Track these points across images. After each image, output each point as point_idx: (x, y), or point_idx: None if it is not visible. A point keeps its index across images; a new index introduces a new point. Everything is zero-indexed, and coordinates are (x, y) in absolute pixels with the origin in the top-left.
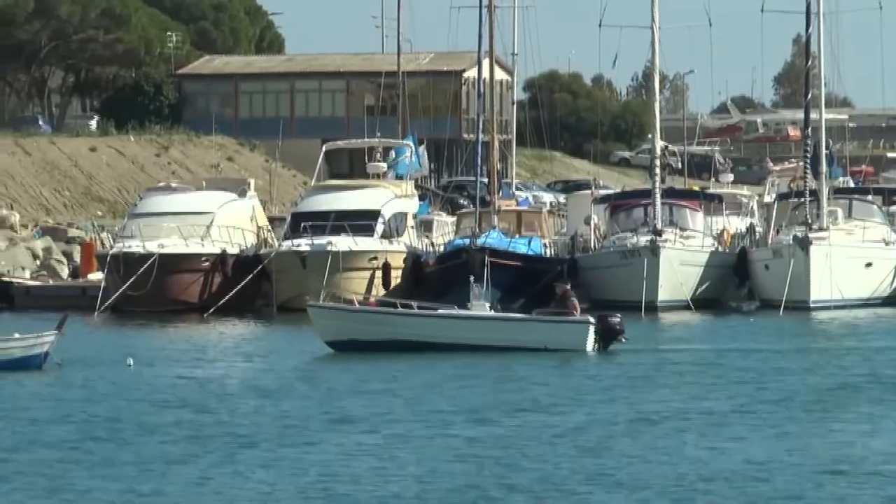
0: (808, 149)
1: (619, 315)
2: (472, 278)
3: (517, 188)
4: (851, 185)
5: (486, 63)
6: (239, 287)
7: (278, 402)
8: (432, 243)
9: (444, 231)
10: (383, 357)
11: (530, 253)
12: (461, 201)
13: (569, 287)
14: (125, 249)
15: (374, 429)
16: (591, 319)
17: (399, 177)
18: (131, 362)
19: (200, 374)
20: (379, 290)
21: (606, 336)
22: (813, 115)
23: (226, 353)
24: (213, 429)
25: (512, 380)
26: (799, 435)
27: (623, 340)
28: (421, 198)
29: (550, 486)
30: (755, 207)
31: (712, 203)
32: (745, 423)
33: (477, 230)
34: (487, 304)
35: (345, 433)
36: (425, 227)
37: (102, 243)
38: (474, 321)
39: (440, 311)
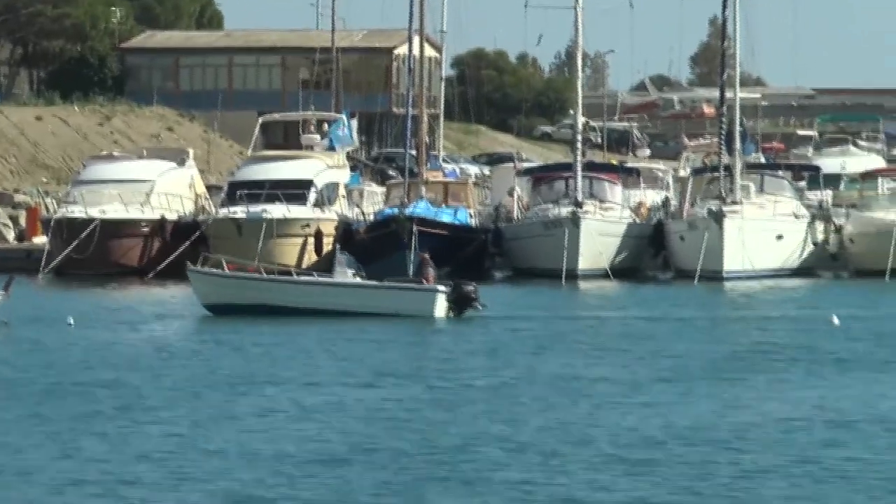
0: (723, 126)
1: (473, 283)
2: (338, 248)
3: (444, 161)
4: (763, 161)
5: (416, 40)
6: (177, 252)
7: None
8: (363, 212)
9: (374, 201)
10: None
11: (456, 222)
12: (391, 172)
13: (427, 256)
14: (68, 215)
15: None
16: (441, 288)
17: (331, 149)
18: (72, 321)
19: (118, 335)
20: (311, 257)
21: (461, 303)
22: (727, 94)
23: (149, 316)
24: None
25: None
26: (667, 404)
27: (479, 308)
28: (352, 169)
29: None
30: (670, 181)
31: (630, 177)
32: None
33: (406, 200)
34: (351, 272)
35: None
36: (356, 196)
37: (47, 209)
38: (333, 288)
39: (302, 278)
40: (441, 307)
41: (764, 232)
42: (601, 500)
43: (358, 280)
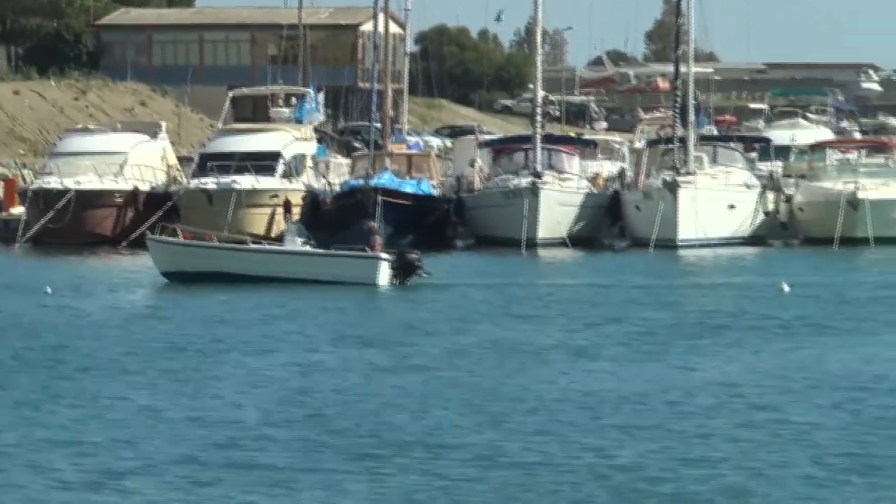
0: (677, 99)
1: (417, 252)
2: (286, 217)
3: (408, 133)
4: (716, 133)
5: (381, 17)
6: (150, 222)
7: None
8: (329, 183)
9: (340, 172)
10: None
11: (420, 193)
12: (356, 145)
13: (374, 225)
14: (45, 185)
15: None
16: (384, 256)
17: (299, 122)
18: (49, 290)
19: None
20: (280, 226)
21: (405, 271)
22: (682, 69)
23: (115, 284)
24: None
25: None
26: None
27: (423, 275)
28: (319, 141)
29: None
30: (626, 153)
31: (587, 148)
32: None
33: (371, 171)
34: (300, 241)
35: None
36: (323, 168)
37: (24, 179)
38: (282, 256)
39: (252, 247)
40: (385, 275)
41: (716, 202)
42: (550, 461)
43: (306, 248)
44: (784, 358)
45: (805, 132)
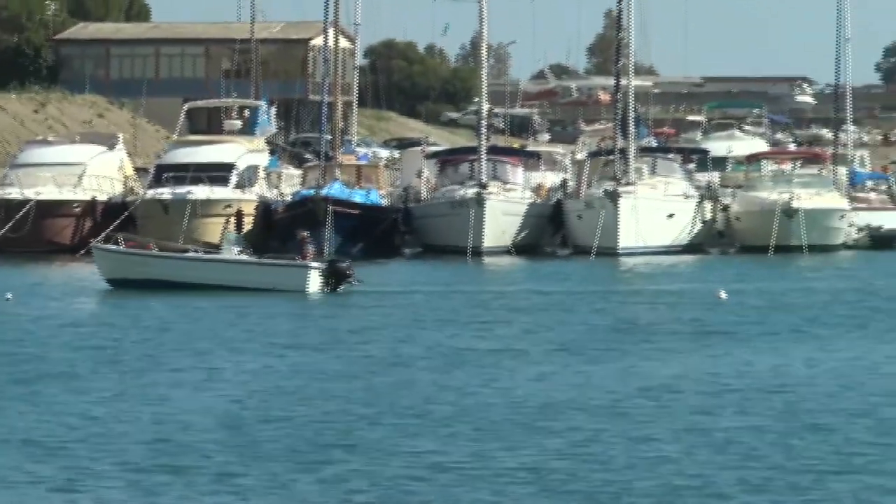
0: (618, 112)
1: (348, 261)
2: (226, 227)
3: (357, 145)
4: (655, 144)
5: (331, 32)
6: (107, 231)
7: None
8: (281, 193)
9: (292, 182)
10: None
11: (368, 202)
12: (307, 156)
13: (307, 235)
14: (5, 195)
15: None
16: (314, 265)
17: (252, 133)
18: (10, 296)
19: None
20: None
21: (336, 279)
22: (622, 82)
23: (73, 291)
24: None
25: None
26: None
27: (354, 283)
28: (271, 152)
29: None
30: (569, 164)
31: (531, 160)
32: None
33: (321, 182)
34: (237, 249)
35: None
36: (275, 178)
37: None
38: (217, 264)
39: (189, 255)
40: (314, 282)
41: (656, 211)
42: (488, 466)
43: (240, 257)
44: (718, 362)
45: (741, 144)
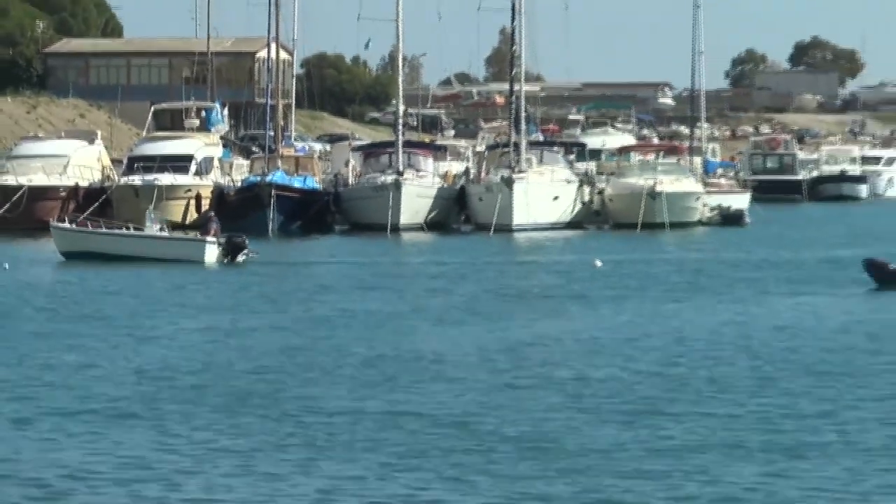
0: (511, 112)
1: (243, 236)
2: (149, 208)
3: (295, 139)
4: (542, 139)
5: (273, 46)
6: (88, 211)
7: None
8: (233, 180)
9: (241, 171)
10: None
11: (305, 187)
12: (254, 149)
13: (212, 215)
14: (2, 182)
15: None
16: (210, 240)
17: (208, 130)
18: (6, 266)
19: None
20: (193, 214)
21: (233, 251)
22: (515, 87)
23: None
24: None
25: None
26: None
27: (251, 255)
28: (224, 146)
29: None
30: (471, 155)
31: (439, 152)
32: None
33: (266, 170)
34: (157, 227)
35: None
36: (227, 167)
37: None
38: (134, 238)
39: (114, 231)
40: (211, 255)
41: (543, 194)
42: (375, 408)
43: (154, 233)
44: (594, 320)
45: (613, 138)
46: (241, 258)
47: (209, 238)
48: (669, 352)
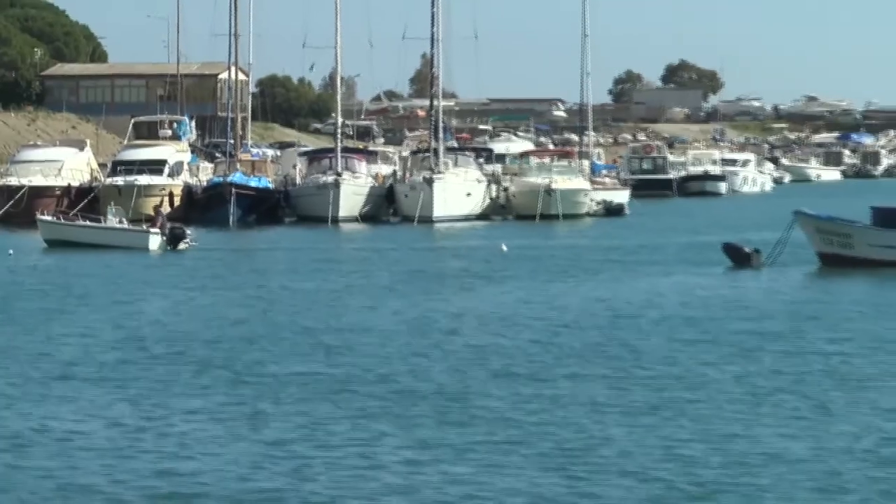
0: (431, 123)
1: (183, 226)
2: (111, 203)
3: (251, 146)
4: (457, 146)
5: (233, 69)
6: (78, 207)
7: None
8: (199, 180)
9: (207, 173)
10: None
11: (260, 186)
12: (217, 154)
13: (161, 209)
14: (7, 182)
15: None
16: (153, 231)
17: (179, 139)
18: (11, 252)
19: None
20: (165, 209)
21: (174, 241)
22: (434, 103)
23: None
24: None
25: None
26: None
27: (191, 243)
28: (192, 152)
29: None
30: (397, 159)
31: (371, 156)
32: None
33: (227, 172)
34: (116, 220)
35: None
36: (195, 170)
37: None
38: (95, 230)
39: (78, 223)
40: (154, 243)
41: (458, 191)
42: (308, 370)
43: (112, 224)
44: (501, 297)
45: (516, 145)
46: (182, 246)
47: (153, 230)
48: (554, 321)
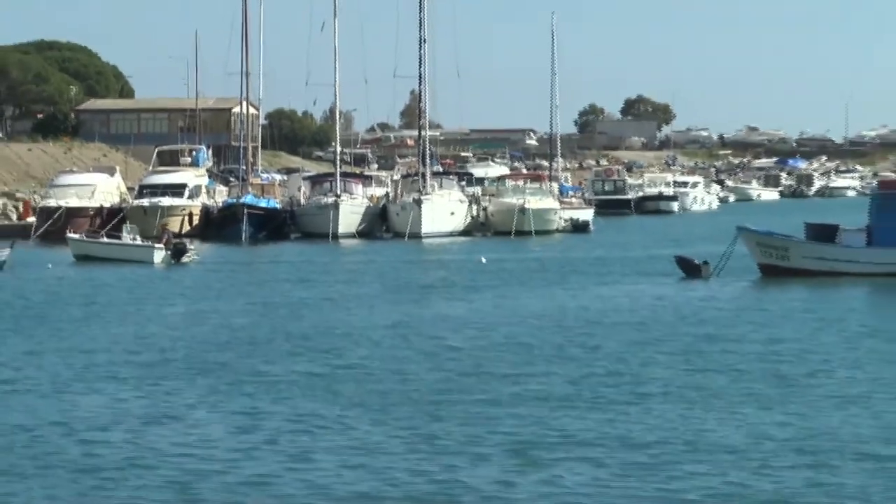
0: (419, 151)
1: (187, 240)
2: (126, 222)
3: (261, 172)
4: (441, 170)
5: (245, 104)
6: (109, 226)
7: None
8: (216, 202)
9: (222, 195)
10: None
11: (269, 206)
12: (231, 179)
13: (167, 227)
14: (47, 204)
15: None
16: (158, 246)
17: (197, 166)
18: (50, 266)
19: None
20: (185, 228)
21: (177, 254)
22: (422, 133)
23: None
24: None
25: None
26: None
27: (194, 256)
28: (209, 177)
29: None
30: (390, 182)
31: (367, 180)
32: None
33: (240, 194)
34: (130, 237)
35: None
36: (212, 192)
37: (35, 201)
38: (110, 245)
39: (96, 239)
40: (158, 257)
41: (443, 210)
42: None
43: (123, 241)
44: (483, 304)
45: (493, 169)
46: (185, 259)
47: (157, 245)
48: (525, 325)
